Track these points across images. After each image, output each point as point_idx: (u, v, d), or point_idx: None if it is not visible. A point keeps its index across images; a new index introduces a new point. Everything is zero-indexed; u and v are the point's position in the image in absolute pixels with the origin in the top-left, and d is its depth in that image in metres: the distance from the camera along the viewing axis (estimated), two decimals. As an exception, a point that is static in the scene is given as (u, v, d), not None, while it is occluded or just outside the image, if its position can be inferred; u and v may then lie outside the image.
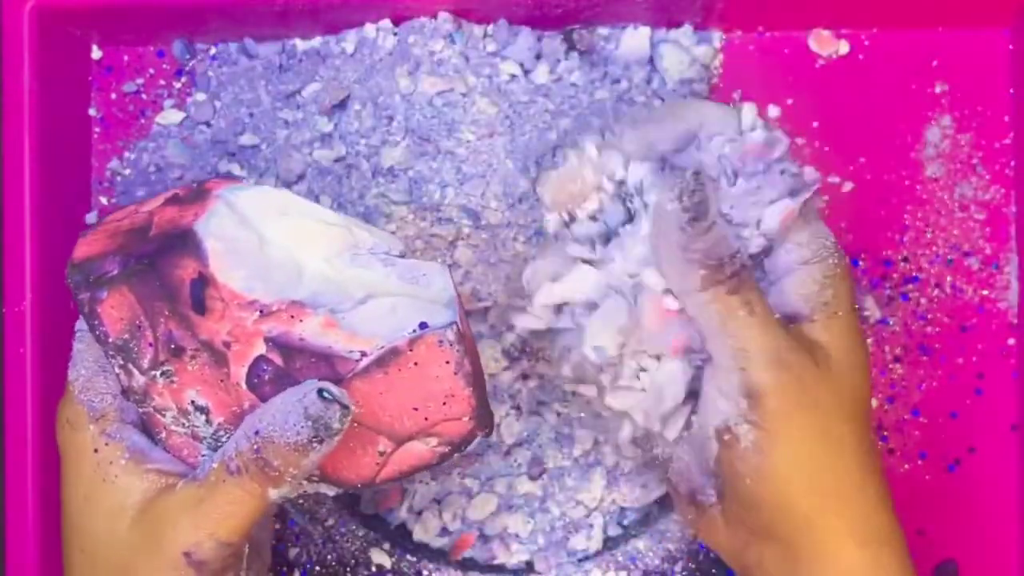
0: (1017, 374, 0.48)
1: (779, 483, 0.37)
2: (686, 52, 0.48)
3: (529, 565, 0.47)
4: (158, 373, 0.36)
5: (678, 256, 0.36)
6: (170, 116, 0.49)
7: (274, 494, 0.35)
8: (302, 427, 0.34)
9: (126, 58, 0.50)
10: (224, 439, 0.37)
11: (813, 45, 0.48)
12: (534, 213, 0.47)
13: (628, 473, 0.47)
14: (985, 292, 0.48)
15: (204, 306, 0.36)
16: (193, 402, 0.37)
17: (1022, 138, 0.48)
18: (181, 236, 0.36)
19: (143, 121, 0.50)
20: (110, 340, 0.37)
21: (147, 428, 0.38)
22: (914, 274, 0.48)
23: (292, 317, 0.36)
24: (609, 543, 0.47)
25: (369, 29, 0.48)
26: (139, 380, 0.37)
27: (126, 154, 0.50)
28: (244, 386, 0.36)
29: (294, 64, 0.49)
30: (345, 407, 0.34)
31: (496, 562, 0.47)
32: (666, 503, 0.47)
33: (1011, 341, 0.48)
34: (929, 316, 0.48)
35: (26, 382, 0.45)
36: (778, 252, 0.39)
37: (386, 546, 0.47)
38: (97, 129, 0.50)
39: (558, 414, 0.47)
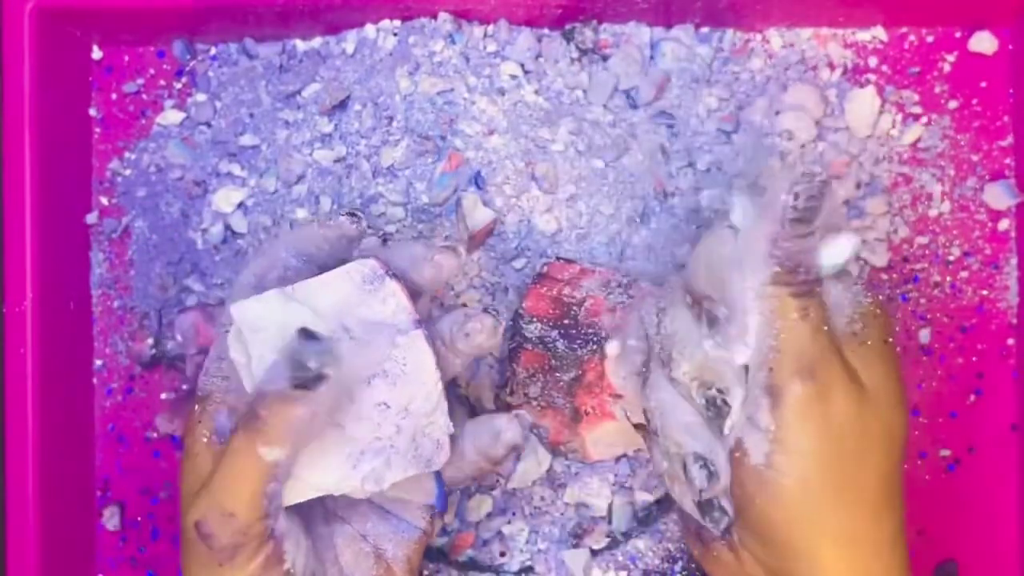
0: (1017, 374, 0.48)
1: (787, 501, 0.36)
2: (687, 51, 0.48)
3: (529, 566, 0.48)
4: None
5: (763, 245, 0.36)
6: (170, 116, 0.49)
7: (266, 452, 0.35)
8: (283, 367, 0.35)
9: (126, 58, 0.50)
10: None
11: (817, 45, 0.49)
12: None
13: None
14: (985, 292, 0.48)
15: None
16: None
17: (1022, 138, 0.48)
18: (596, 340, 0.46)
19: (143, 121, 0.50)
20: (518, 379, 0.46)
21: None
22: (914, 274, 0.48)
23: None
24: (609, 543, 0.47)
25: (369, 30, 0.48)
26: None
27: (126, 154, 0.50)
28: None
29: (294, 64, 0.49)
30: (321, 343, 0.35)
31: (496, 563, 0.47)
32: (666, 503, 0.47)
33: (1011, 341, 0.48)
34: (929, 316, 0.48)
35: (26, 382, 0.45)
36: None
37: (386, 546, 0.47)
38: (97, 129, 0.50)
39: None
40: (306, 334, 0.35)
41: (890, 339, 0.39)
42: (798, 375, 0.36)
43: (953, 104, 0.49)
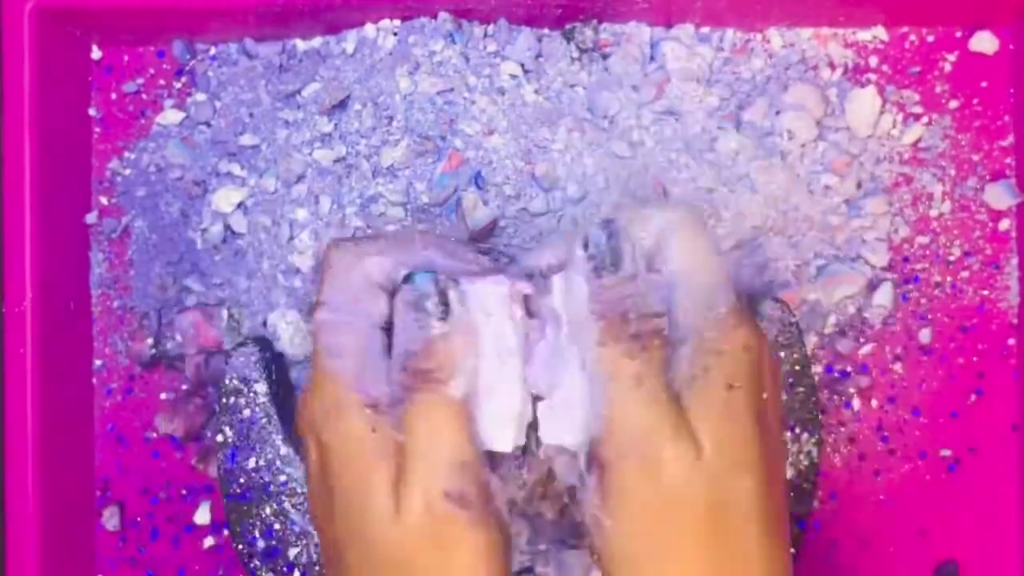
0: (1017, 374, 0.48)
1: (615, 556, 0.35)
2: (687, 51, 0.48)
3: (529, 566, 0.47)
4: None
5: (582, 306, 0.35)
6: (170, 116, 0.49)
7: (452, 389, 0.35)
8: (412, 319, 0.35)
9: (126, 58, 0.50)
10: None
11: (817, 45, 0.48)
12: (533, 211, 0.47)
13: None
14: (985, 292, 0.48)
15: None
16: None
17: (1022, 138, 0.48)
18: None
19: (143, 121, 0.50)
20: None
21: None
22: (914, 274, 0.48)
23: None
24: (609, 543, 0.47)
25: (369, 29, 0.48)
26: None
27: (126, 154, 0.50)
28: None
29: (294, 64, 0.49)
30: (431, 272, 0.35)
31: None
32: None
33: (1011, 341, 0.48)
34: (929, 316, 0.48)
35: (26, 382, 0.45)
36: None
37: (386, 546, 0.47)
38: (97, 129, 0.50)
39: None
40: (409, 278, 0.36)
41: (736, 384, 0.34)
42: (624, 455, 0.34)
43: (954, 104, 0.49)
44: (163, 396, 0.49)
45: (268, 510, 0.44)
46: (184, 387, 0.49)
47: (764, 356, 0.36)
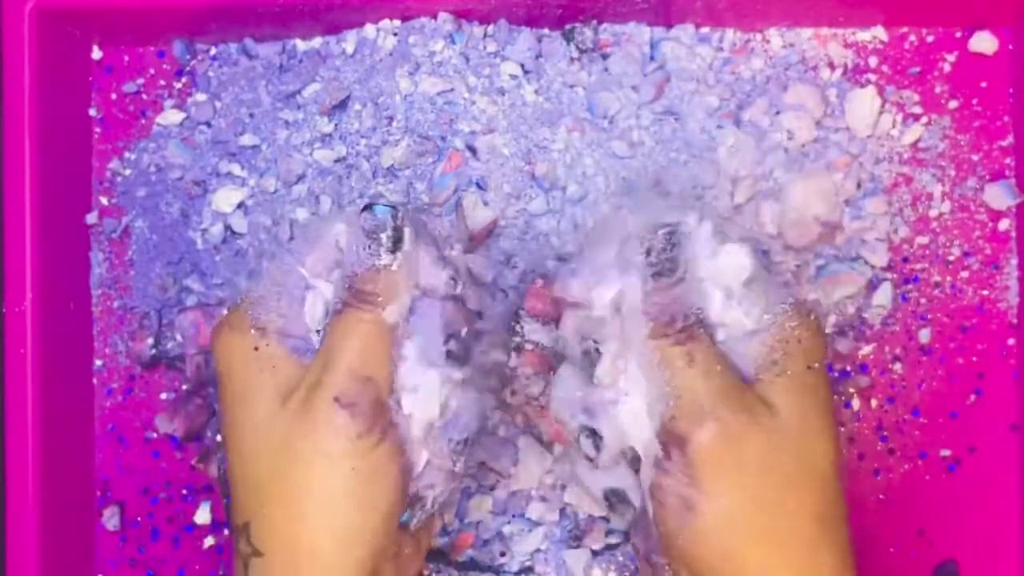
0: (1017, 374, 0.48)
1: (711, 541, 0.36)
2: (687, 51, 0.48)
3: (529, 566, 0.48)
4: None
5: (634, 307, 0.37)
6: (170, 116, 0.49)
7: (388, 315, 0.37)
8: (364, 245, 0.37)
9: (126, 58, 0.50)
10: None
11: (817, 45, 0.49)
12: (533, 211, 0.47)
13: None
14: (985, 292, 0.48)
15: None
16: None
17: (1022, 138, 0.48)
18: None
19: (143, 121, 0.50)
20: None
21: None
22: (914, 274, 0.48)
23: None
24: (609, 543, 0.47)
25: (369, 30, 0.48)
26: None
27: (126, 154, 0.50)
28: None
29: (294, 64, 0.49)
30: (392, 207, 0.37)
31: (496, 563, 0.47)
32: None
33: (1011, 341, 0.48)
34: (929, 316, 0.48)
35: (26, 382, 0.45)
36: (733, 315, 0.38)
37: (386, 546, 0.47)
38: (97, 129, 0.50)
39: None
40: (369, 207, 0.37)
41: (815, 365, 0.38)
42: (698, 421, 0.36)
43: (953, 104, 0.49)
44: (163, 396, 0.49)
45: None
46: (184, 387, 0.49)
47: (826, 341, 0.39)
